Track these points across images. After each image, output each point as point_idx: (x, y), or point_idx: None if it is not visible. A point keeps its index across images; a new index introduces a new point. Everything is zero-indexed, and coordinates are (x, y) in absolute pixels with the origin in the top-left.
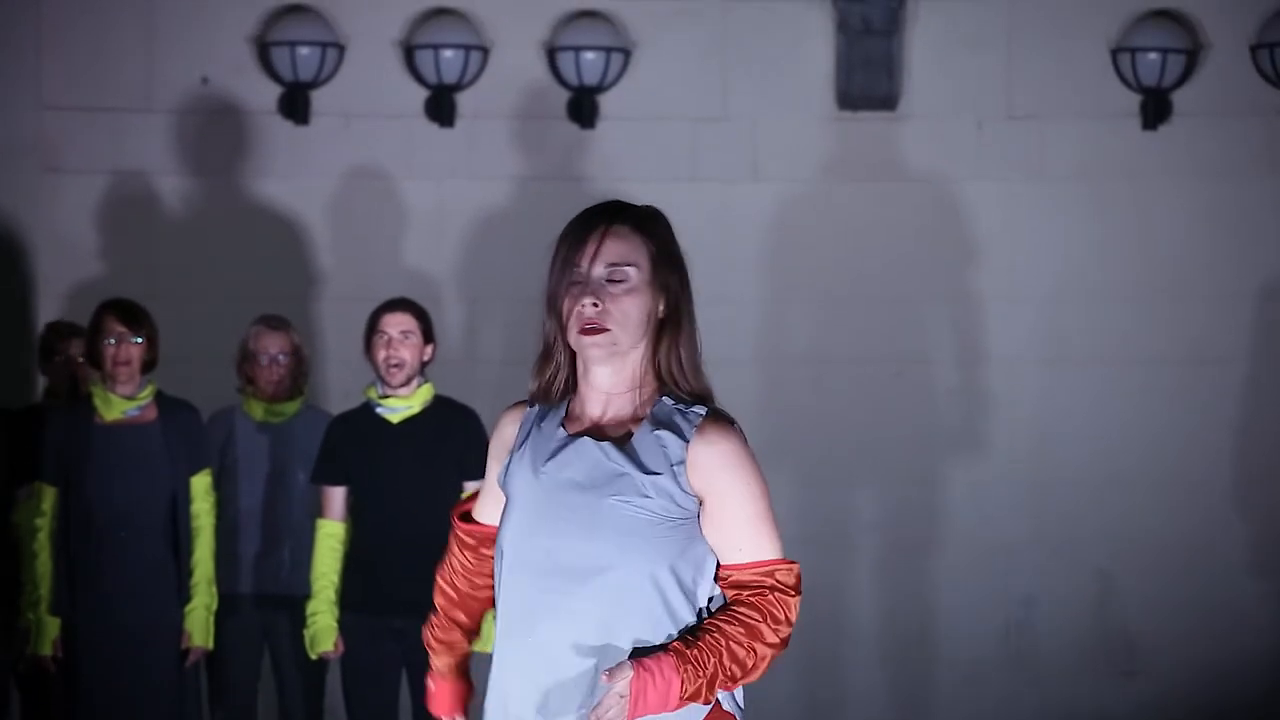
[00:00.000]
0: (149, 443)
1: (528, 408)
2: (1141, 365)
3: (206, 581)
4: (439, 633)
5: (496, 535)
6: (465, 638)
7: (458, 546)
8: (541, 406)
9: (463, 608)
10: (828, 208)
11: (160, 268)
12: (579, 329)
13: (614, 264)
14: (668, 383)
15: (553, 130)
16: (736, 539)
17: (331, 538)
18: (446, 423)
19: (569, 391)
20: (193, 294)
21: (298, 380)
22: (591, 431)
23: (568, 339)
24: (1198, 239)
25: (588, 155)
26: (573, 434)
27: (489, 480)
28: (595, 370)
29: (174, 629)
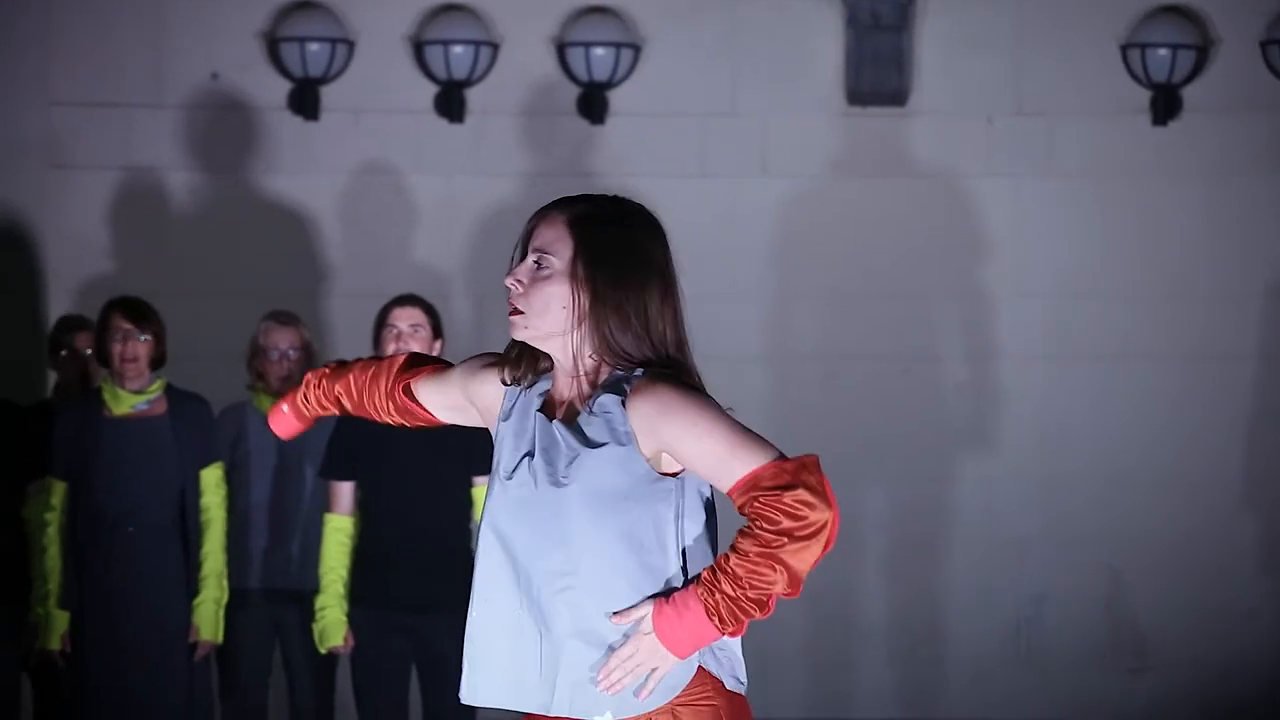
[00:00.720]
0: (158, 437)
1: (503, 383)
2: (1152, 361)
3: (216, 575)
4: (318, 394)
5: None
6: (321, 414)
7: (387, 396)
8: (519, 387)
9: (351, 403)
10: (837, 204)
11: (169, 263)
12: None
13: (539, 250)
14: (619, 356)
15: (562, 126)
16: (714, 473)
17: (340, 532)
18: None
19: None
20: (202, 290)
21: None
22: (561, 412)
23: None
24: (1208, 234)
25: (597, 151)
26: (544, 415)
27: (451, 377)
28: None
29: (183, 623)
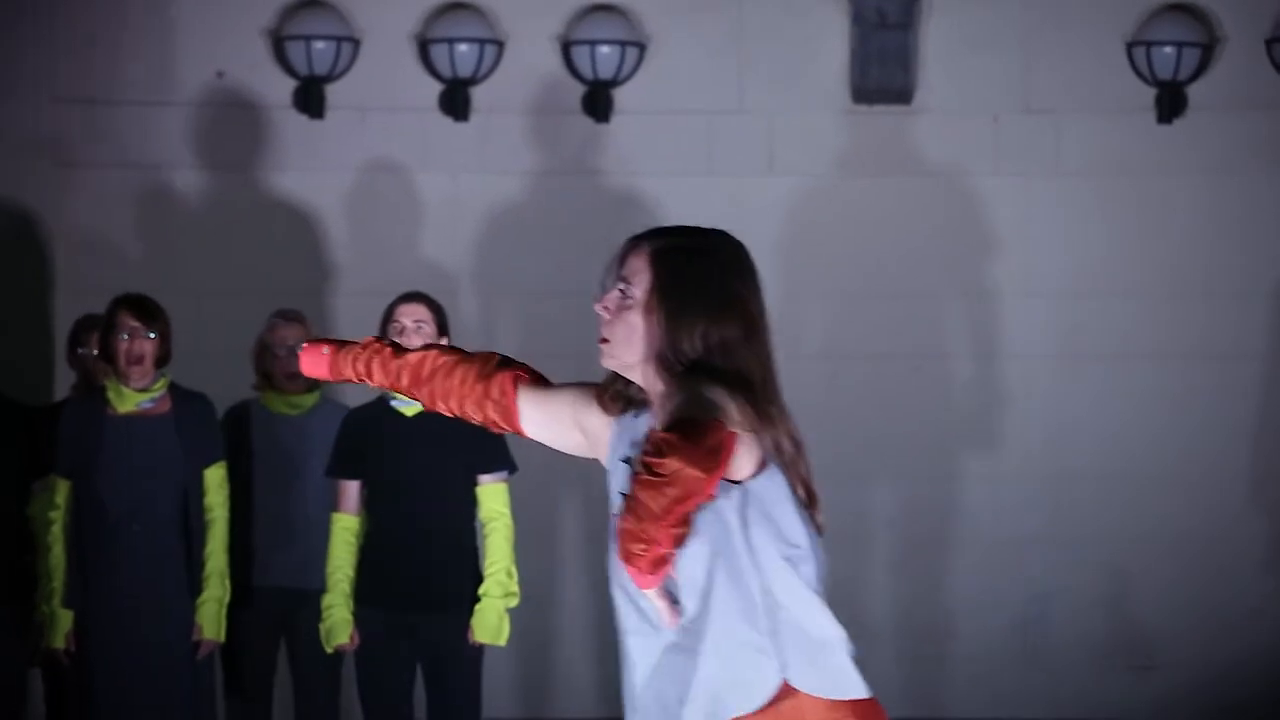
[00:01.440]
0: (162, 435)
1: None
2: (1158, 360)
3: (219, 574)
4: (369, 363)
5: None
6: (354, 379)
7: (485, 394)
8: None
9: (412, 382)
10: (843, 202)
11: (175, 261)
12: None
13: (624, 279)
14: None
15: (567, 124)
16: None
17: (346, 531)
18: None
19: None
20: (208, 288)
21: None
22: None
23: None
24: (1214, 232)
25: (603, 149)
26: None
27: (560, 395)
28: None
29: (186, 621)
